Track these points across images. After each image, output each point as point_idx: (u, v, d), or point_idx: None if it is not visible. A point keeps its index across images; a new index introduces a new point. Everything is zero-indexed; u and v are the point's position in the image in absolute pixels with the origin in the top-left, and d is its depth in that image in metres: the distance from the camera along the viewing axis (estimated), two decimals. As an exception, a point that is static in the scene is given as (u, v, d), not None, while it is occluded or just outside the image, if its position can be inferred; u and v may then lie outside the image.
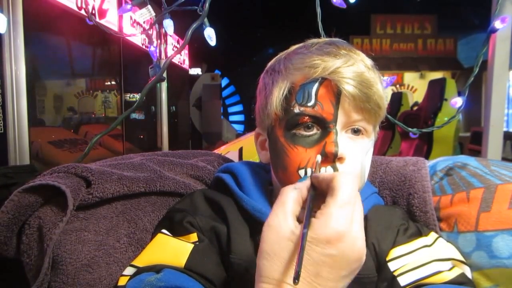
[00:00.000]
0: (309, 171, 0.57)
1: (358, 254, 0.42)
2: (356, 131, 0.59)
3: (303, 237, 0.41)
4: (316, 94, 0.57)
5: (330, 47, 0.59)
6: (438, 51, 9.87)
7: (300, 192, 0.47)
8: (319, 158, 0.55)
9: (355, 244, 0.42)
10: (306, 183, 0.49)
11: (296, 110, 0.58)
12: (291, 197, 0.46)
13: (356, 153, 0.58)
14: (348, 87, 0.56)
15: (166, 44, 4.19)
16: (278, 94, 0.60)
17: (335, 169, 0.56)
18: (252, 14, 8.86)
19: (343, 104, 0.57)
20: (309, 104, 0.57)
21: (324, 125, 0.57)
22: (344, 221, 0.42)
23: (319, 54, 0.58)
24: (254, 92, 0.69)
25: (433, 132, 3.55)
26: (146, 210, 0.69)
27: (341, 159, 0.56)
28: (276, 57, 0.66)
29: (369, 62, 0.60)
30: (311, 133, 0.58)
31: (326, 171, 0.56)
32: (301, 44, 0.64)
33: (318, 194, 0.47)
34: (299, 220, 0.45)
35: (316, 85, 0.57)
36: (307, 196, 0.47)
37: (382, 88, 0.61)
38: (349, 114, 0.57)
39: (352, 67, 0.57)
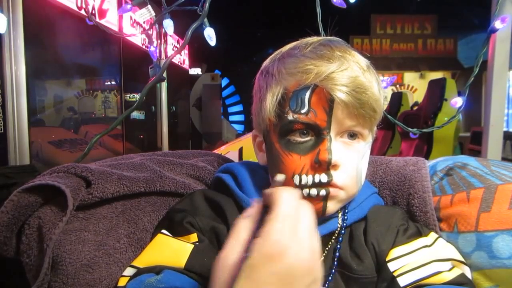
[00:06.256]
0: (303, 178, 0.57)
1: (306, 267, 0.38)
2: (351, 136, 0.59)
3: (242, 261, 0.37)
4: (309, 101, 0.56)
5: (324, 48, 0.58)
6: (438, 51, 9.87)
7: (251, 218, 0.43)
8: (279, 177, 0.50)
9: (301, 256, 0.38)
10: (256, 207, 0.45)
11: (290, 117, 0.57)
12: (242, 227, 0.42)
13: (350, 159, 0.58)
14: (341, 94, 0.55)
15: (166, 44, 4.19)
16: (271, 99, 0.59)
17: (329, 176, 0.56)
18: (252, 14, 8.86)
19: (336, 112, 0.56)
20: (302, 111, 0.57)
21: (318, 132, 0.57)
22: (286, 234, 0.38)
23: (312, 57, 0.57)
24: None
25: (433, 132, 3.54)
26: (146, 210, 0.68)
27: (335, 166, 0.56)
28: (271, 56, 0.65)
29: (364, 63, 0.59)
30: (305, 139, 0.58)
31: (320, 179, 0.56)
32: (295, 43, 0.63)
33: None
34: None
35: (309, 92, 0.56)
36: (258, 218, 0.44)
37: (379, 89, 0.60)
38: (343, 121, 0.57)
39: (346, 71, 0.56)
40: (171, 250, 0.58)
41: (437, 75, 8.90)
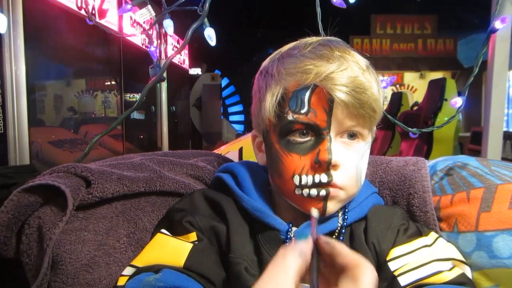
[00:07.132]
0: (303, 178, 0.57)
1: None
2: (351, 136, 0.59)
3: None
4: (309, 101, 0.56)
5: (323, 49, 0.58)
6: (438, 51, 9.87)
7: (305, 259, 0.43)
8: (314, 212, 0.49)
9: None
10: (309, 246, 0.45)
11: (290, 117, 0.57)
12: (296, 265, 0.42)
13: (350, 160, 0.58)
14: (341, 94, 0.55)
15: (166, 44, 4.19)
16: (271, 100, 0.59)
17: (329, 176, 0.56)
18: (252, 14, 8.87)
19: (336, 112, 0.56)
20: (302, 111, 0.57)
21: (318, 132, 0.57)
22: None
23: (312, 58, 0.57)
24: (253, 93, 0.68)
25: (433, 132, 3.54)
26: (146, 210, 0.68)
27: (335, 167, 0.56)
28: (270, 56, 0.65)
29: (363, 63, 0.59)
30: (305, 139, 0.58)
31: (320, 179, 0.56)
32: (294, 44, 0.63)
33: (320, 258, 0.45)
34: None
35: (308, 92, 0.56)
36: (310, 261, 0.44)
37: (379, 89, 0.60)
38: (342, 121, 0.57)
39: (346, 71, 0.56)
40: (170, 249, 0.59)
41: (437, 75, 8.90)
